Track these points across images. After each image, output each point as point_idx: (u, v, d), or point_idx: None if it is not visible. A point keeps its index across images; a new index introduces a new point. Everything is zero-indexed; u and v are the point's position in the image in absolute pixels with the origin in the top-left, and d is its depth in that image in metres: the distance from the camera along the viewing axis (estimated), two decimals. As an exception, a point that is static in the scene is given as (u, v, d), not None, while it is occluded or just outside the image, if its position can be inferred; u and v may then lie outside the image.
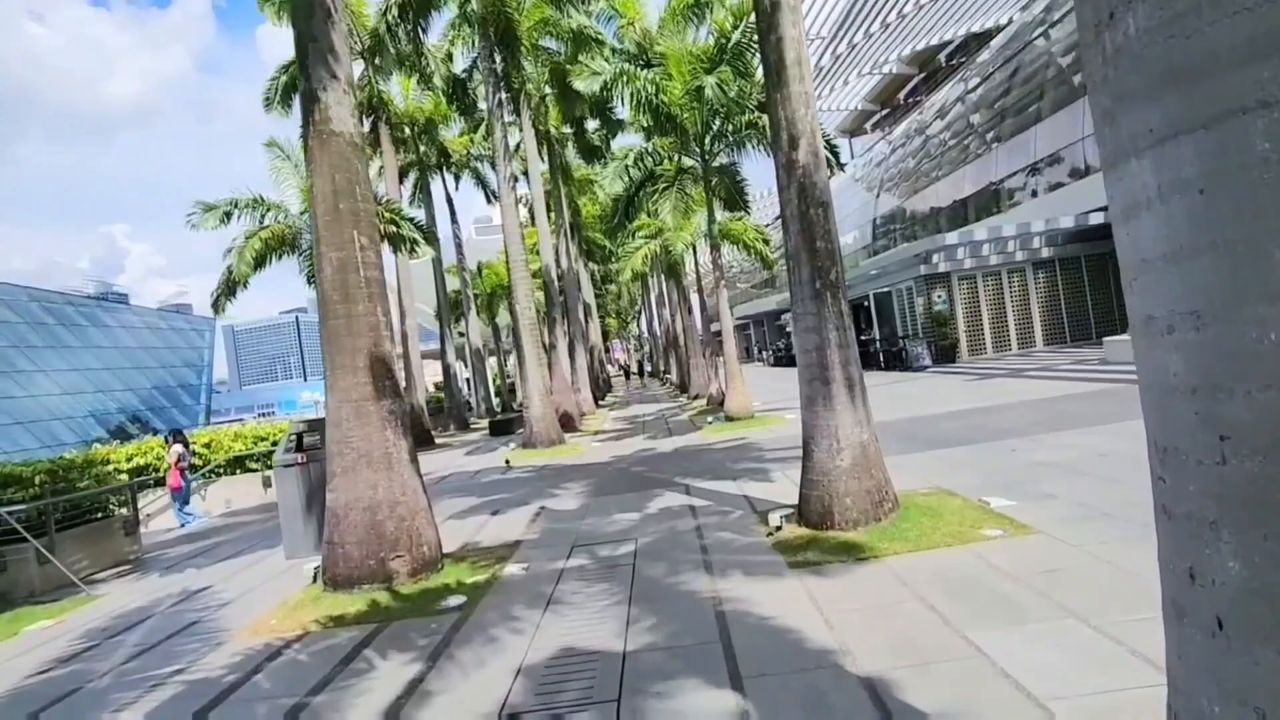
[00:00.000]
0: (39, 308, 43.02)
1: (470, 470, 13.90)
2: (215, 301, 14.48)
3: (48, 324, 43.14)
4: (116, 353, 47.84)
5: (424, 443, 19.71)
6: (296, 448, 8.16)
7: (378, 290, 6.28)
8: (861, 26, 36.10)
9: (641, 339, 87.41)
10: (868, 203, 42.21)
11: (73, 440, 40.00)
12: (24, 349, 40.76)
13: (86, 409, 43.25)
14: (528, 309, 15.28)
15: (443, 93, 19.58)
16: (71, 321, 44.97)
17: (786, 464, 9.56)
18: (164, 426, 46.71)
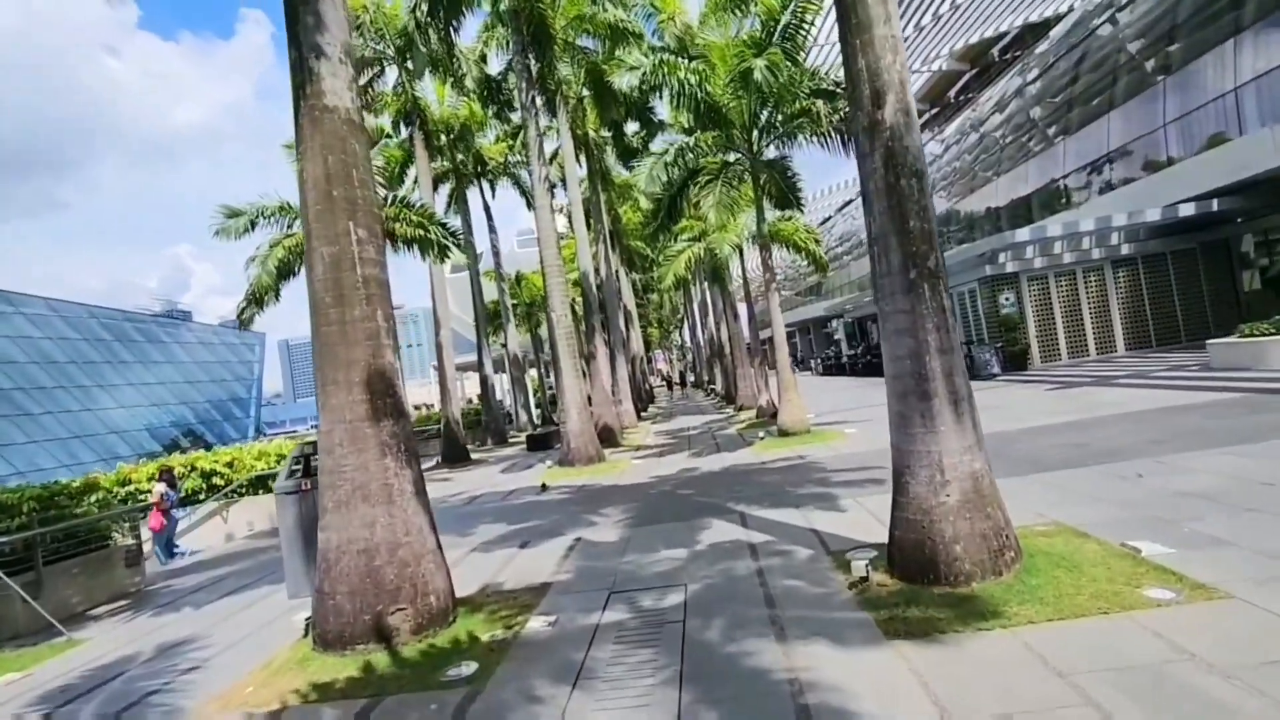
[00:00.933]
0: (98, 324, 44.33)
1: (503, 490, 12.96)
2: (241, 313, 13.97)
3: (105, 340, 44.40)
4: (171, 368, 49.02)
5: (459, 459, 18.96)
6: (303, 472, 7.31)
7: (378, 292, 5.34)
8: (911, 20, 34.43)
9: (684, 349, 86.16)
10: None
11: (128, 454, 40.87)
12: (82, 364, 41.96)
13: (141, 423, 44.26)
14: (564, 316, 14.34)
15: (476, 95, 18.94)
16: (128, 338, 46.24)
17: (857, 489, 8.29)
18: (216, 440, 47.62)
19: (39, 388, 38.27)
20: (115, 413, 42.85)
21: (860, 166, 4.92)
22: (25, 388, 37.52)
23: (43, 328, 40.42)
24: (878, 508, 7.15)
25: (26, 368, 38.17)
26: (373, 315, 5.25)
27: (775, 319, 14.12)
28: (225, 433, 50.86)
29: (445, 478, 16.42)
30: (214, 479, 11.92)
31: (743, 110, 13.54)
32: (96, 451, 38.97)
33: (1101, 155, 24.74)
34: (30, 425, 36.86)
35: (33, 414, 37.26)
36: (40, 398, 38.10)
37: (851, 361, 39.71)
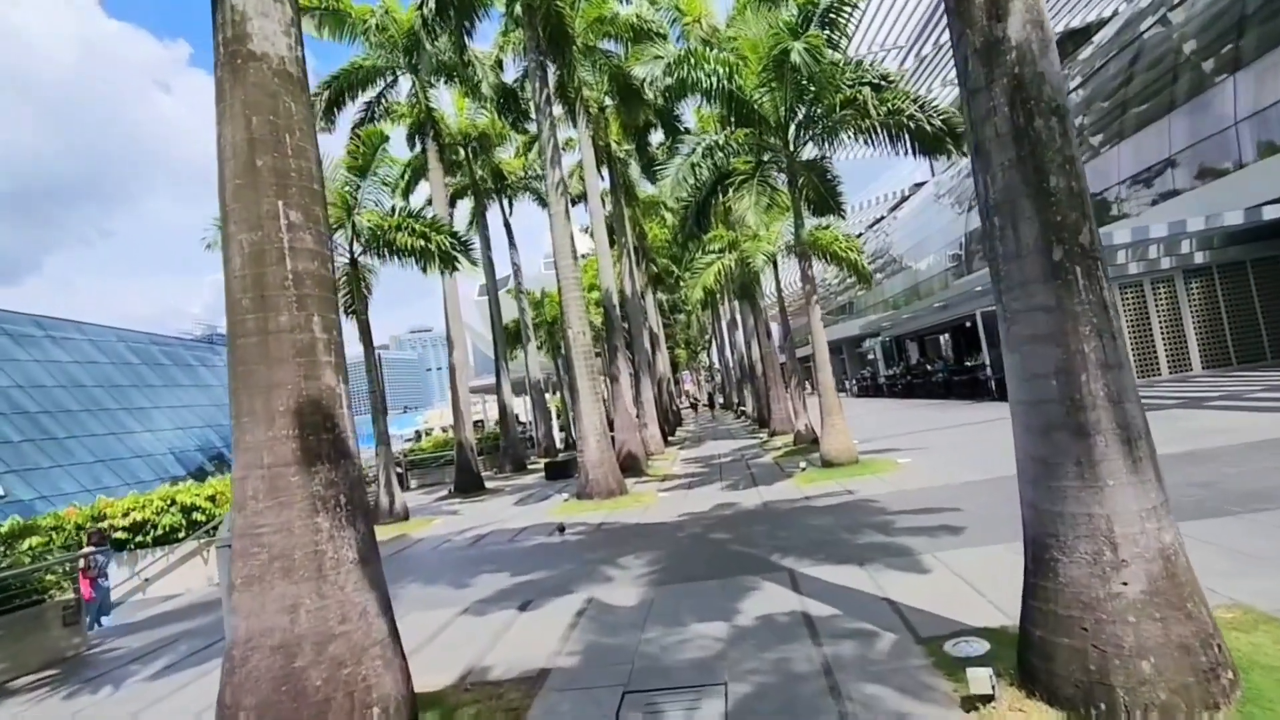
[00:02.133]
0: (125, 348, 44.42)
1: (514, 527, 11.59)
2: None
3: (132, 363, 44.45)
4: (197, 391, 48.95)
5: (472, 488, 17.68)
6: None
7: (317, 293, 4.05)
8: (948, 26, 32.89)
9: (713, 370, 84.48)
10: (953, 221, 38.57)
11: (151, 479, 40.55)
12: (109, 388, 41.93)
13: (167, 447, 44.04)
14: (581, 334, 13.04)
15: (492, 103, 17.98)
16: (154, 361, 46.31)
17: (931, 539, 6.74)
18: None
19: (65, 411, 38.18)
20: (141, 437, 42.67)
21: (969, 108, 3.51)
22: (51, 411, 37.43)
23: (71, 351, 40.52)
24: (967, 568, 5.62)
25: (53, 391, 38.15)
26: (306, 324, 3.96)
27: (816, 335, 12.64)
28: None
29: (454, 510, 15.12)
30: (194, 514, 10.80)
31: (777, 104, 12.21)
32: (121, 476, 38.63)
33: (1162, 159, 22.88)
34: (55, 450, 36.69)
35: (58, 438, 37.11)
36: (66, 421, 37.98)
37: (890, 382, 37.77)
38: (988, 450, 12.10)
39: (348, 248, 13.69)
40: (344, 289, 13.90)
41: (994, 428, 15.60)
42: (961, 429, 16.38)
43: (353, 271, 13.80)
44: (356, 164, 13.33)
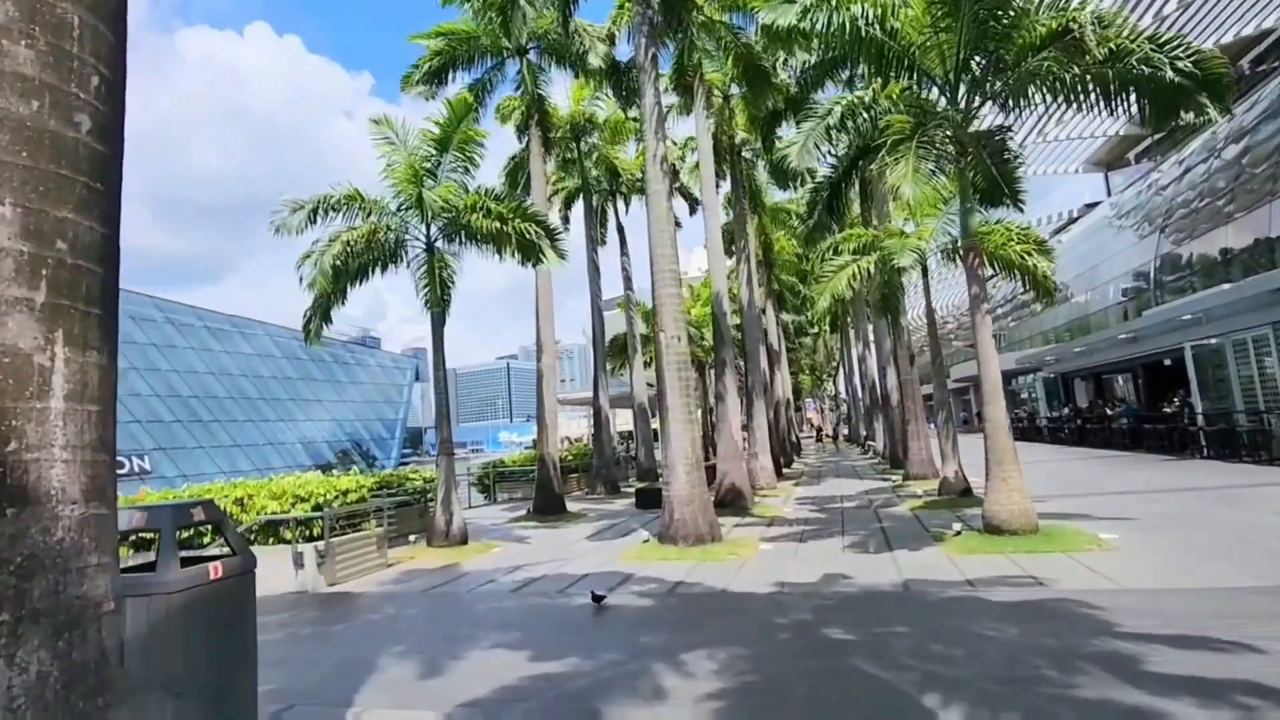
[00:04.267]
0: (271, 342, 47.53)
1: (573, 572, 9.34)
2: (306, 325, 11.84)
3: (274, 357, 47.43)
4: (328, 386, 51.63)
5: (551, 510, 15.72)
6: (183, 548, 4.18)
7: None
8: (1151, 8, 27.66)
9: (838, 399, 78.95)
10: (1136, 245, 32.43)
11: (281, 466, 42.74)
12: (252, 378, 44.88)
13: (296, 437, 46.54)
14: (676, 339, 10.67)
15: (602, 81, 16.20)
16: (293, 355, 49.27)
17: (1235, 711, 3.67)
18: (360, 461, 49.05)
19: (211, 397, 41.13)
20: (276, 426, 45.32)
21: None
22: (200, 396, 40.43)
23: (224, 342, 43.78)
24: None
25: (205, 379, 41.24)
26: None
27: (986, 358, 9.46)
28: (373, 453, 52.50)
29: (522, 536, 13.16)
30: (220, 519, 9.59)
31: (944, 53, 9.31)
32: (253, 461, 41.00)
33: None
34: (200, 432, 39.49)
35: (203, 420, 39.94)
36: (212, 406, 40.86)
37: (1054, 426, 32.15)
38: (1240, 532, 8.41)
39: (423, 230, 12.25)
40: (422, 278, 12.46)
41: (1231, 498, 11.47)
42: (1176, 495, 12.31)
43: (429, 258, 12.32)
44: (436, 136, 11.89)
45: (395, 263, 12.38)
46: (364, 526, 10.21)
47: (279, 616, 7.78)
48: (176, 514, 3.98)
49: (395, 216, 11.58)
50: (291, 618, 7.67)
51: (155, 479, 33.72)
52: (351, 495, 9.90)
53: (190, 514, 4.08)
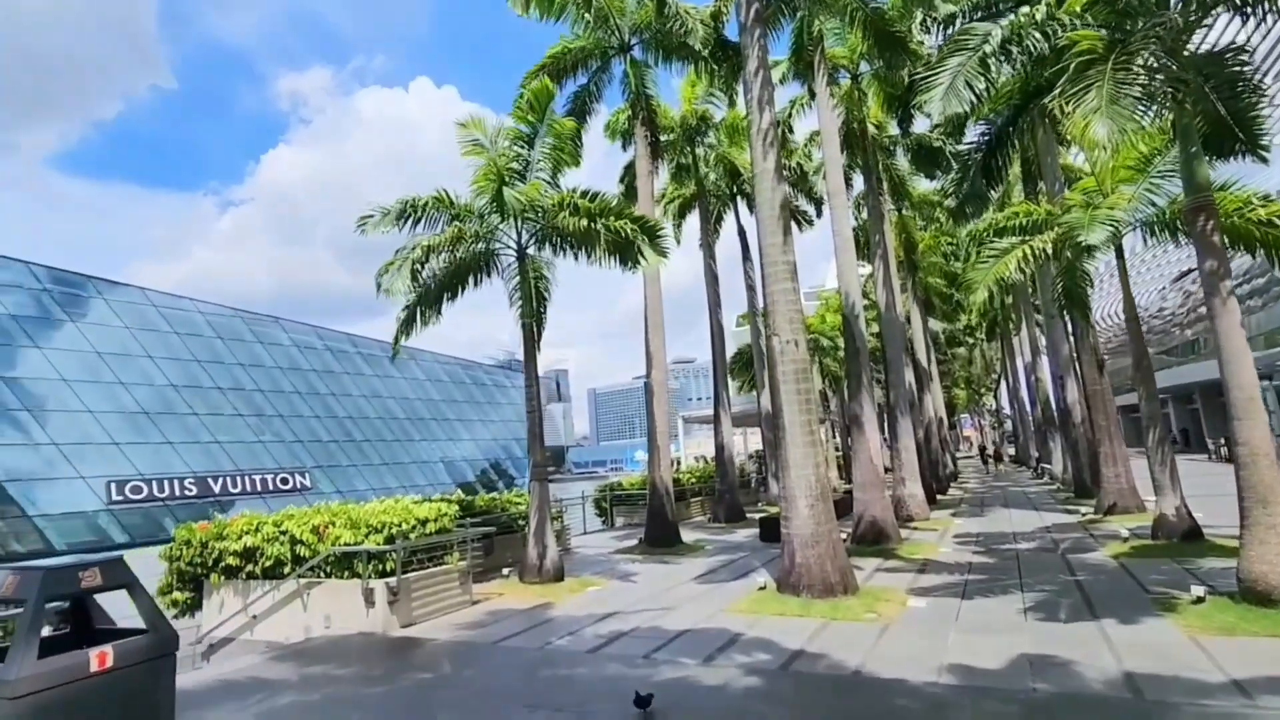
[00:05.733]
0: (418, 367, 50.36)
1: (670, 627, 7.74)
2: (396, 339, 11.34)
3: (419, 379, 50.11)
4: (470, 408, 53.78)
5: (663, 541, 14.19)
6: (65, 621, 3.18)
7: None
8: None
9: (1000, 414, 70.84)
10: None
11: (424, 484, 44.78)
12: (399, 400, 47.58)
13: (439, 456, 48.67)
14: (791, 344, 8.81)
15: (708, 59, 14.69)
16: (437, 379, 51.84)
17: None
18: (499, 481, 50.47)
19: (364, 418, 43.96)
20: (421, 445, 47.69)
21: None
22: (353, 418, 43.34)
23: (375, 367, 46.87)
24: None
25: (358, 400, 44.25)
26: None
27: (1233, 355, 6.78)
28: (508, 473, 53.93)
29: (626, 571, 11.74)
30: (299, 547, 9.04)
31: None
32: (399, 479, 43.17)
33: None
34: (353, 451, 42.26)
35: (355, 440, 42.73)
36: (364, 427, 43.66)
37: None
38: None
39: (513, 237, 11.35)
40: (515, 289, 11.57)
41: None
42: None
43: (520, 266, 11.41)
44: (522, 134, 10.98)
45: (487, 272, 11.58)
46: (447, 559, 9.30)
47: (316, 668, 6.89)
48: (51, 580, 2.94)
49: (482, 221, 10.75)
50: (327, 672, 6.73)
51: (314, 494, 36.22)
52: (431, 526, 9.00)
53: (78, 577, 3.04)
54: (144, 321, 34.29)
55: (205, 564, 9.61)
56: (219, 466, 33.59)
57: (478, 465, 52.00)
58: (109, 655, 2.89)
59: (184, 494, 30.98)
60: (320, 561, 8.77)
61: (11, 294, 29.86)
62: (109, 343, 32.29)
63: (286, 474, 36.60)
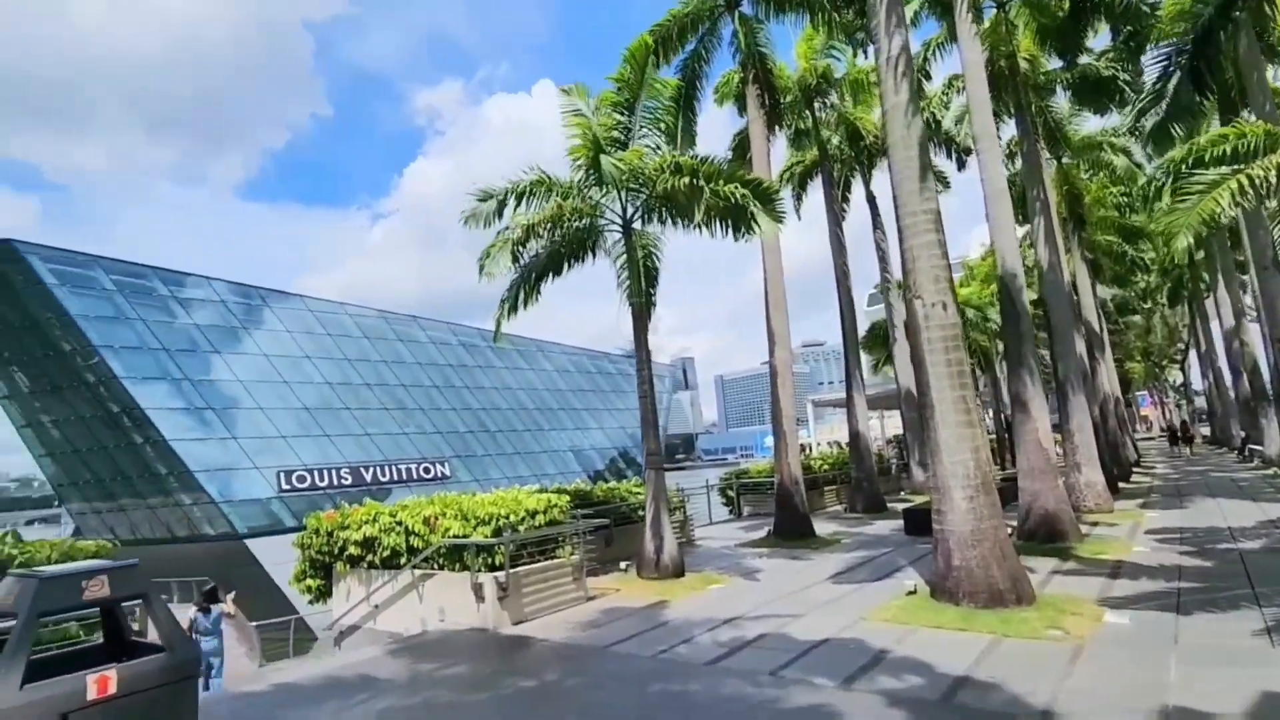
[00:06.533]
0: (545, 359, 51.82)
1: (802, 637, 6.75)
2: (498, 321, 11.06)
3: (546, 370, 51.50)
4: (597, 397, 54.59)
5: (795, 534, 13.06)
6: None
7: None
8: None
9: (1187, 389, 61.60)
10: None
11: (554, 473, 46.02)
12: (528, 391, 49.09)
13: (567, 445, 49.78)
14: (938, 307, 7.43)
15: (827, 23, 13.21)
16: (564, 369, 53.02)
17: None
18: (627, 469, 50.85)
19: (496, 409, 45.78)
20: (550, 435, 49.01)
21: None
22: (487, 409, 45.25)
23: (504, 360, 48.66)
24: None
25: (489, 392, 46.15)
26: None
27: None
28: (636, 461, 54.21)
29: (751, 567, 10.78)
30: (412, 539, 8.94)
31: None
32: (530, 468, 44.56)
33: None
34: (487, 441, 44.14)
35: (489, 430, 44.59)
36: (496, 418, 45.46)
37: None
38: None
39: (618, 211, 10.68)
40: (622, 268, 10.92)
41: None
42: None
43: (626, 242, 10.73)
44: (619, 98, 10.24)
45: (592, 251, 11.02)
46: (559, 552, 8.85)
47: (425, 666, 6.60)
48: (46, 590, 2.55)
49: (583, 196, 10.15)
50: (433, 674, 6.40)
51: (453, 483, 38.18)
52: (541, 518, 8.57)
53: (80, 588, 2.66)
54: (304, 326, 37.58)
55: (332, 552, 9.82)
56: (370, 457, 36.19)
57: (606, 454, 52.71)
58: (111, 680, 2.49)
59: (340, 482, 33.61)
60: (432, 553, 8.59)
61: (201, 307, 33.70)
62: (277, 347, 35.67)
63: (429, 464, 38.80)
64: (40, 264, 28.42)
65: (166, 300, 32.30)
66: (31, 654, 2.46)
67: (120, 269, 31.32)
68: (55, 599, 2.70)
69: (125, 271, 31.41)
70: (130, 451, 30.62)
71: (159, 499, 31.14)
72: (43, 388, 31.57)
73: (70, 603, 2.79)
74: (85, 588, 2.75)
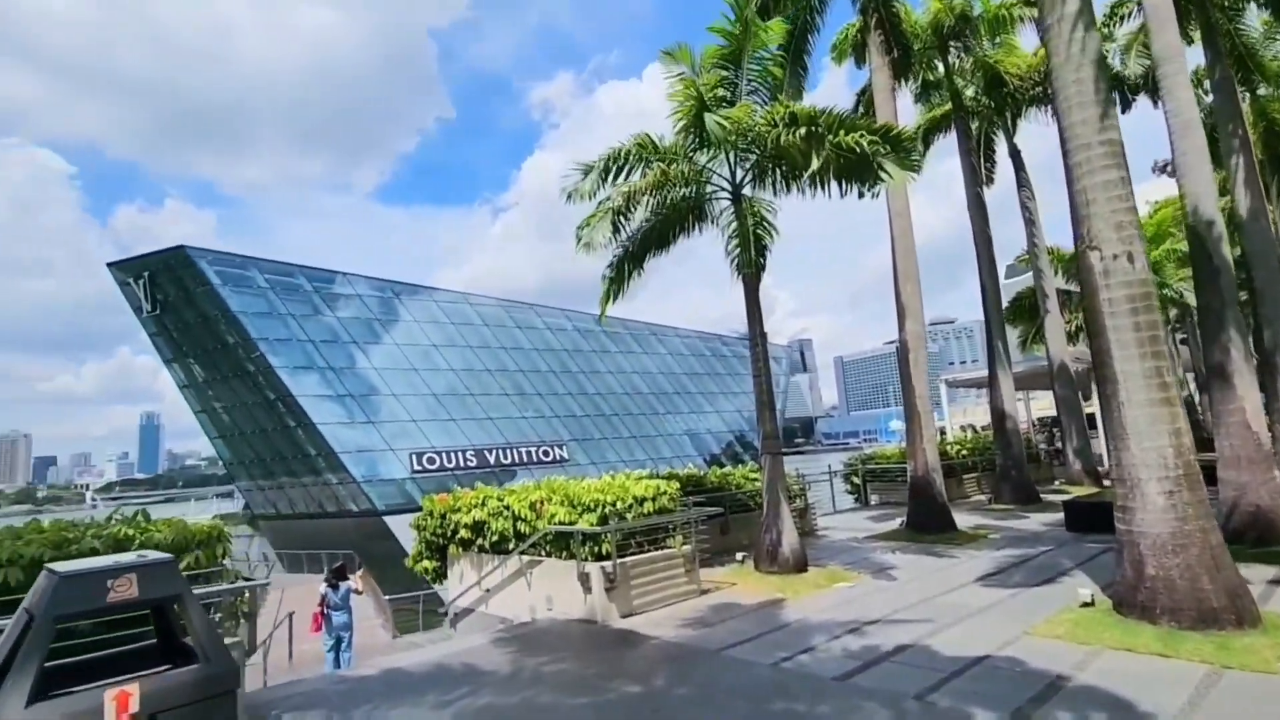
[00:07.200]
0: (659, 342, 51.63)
1: (946, 656, 5.75)
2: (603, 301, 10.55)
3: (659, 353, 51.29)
4: (712, 380, 53.75)
5: (933, 527, 11.74)
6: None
7: None
8: None
9: None
10: None
11: (669, 455, 45.82)
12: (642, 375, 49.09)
13: (683, 429, 49.33)
14: (1120, 257, 6.03)
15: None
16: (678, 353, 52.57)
17: None
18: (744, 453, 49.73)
19: (611, 393, 46.12)
20: (666, 419, 48.77)
21: None
22: (603, 393, 45.70)
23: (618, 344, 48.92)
24: None
25: (604, 377, 46.56)
26: None
27: None
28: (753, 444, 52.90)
29: (882, 565, 9.68)
30: (520, 524, 8.66)
31: None
32: (646, 451, 44.60)
33: None
34: (603, 424, 44.58)
35: (605, 414, 45.00)
36: (611, 402, 45.81)
37: None
38: None
39: (728, 175, 9.83)
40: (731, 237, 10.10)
41: None
42: None
43: (736, 208, 9.88)
44: (724, 51, 9.34)
45: (699, 219, 10.27)
46: (670, 542, 8.27)
47: (529, 660, 6.25)
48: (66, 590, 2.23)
49: (689, 161, 9.40)
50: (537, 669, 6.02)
51: (571, 465, 38.90)
52: (649, 505, 8.03)
53: (106, 587, 2.33)
54: (431, 317, 39.56)
55: (445, 534, 9.82)
56: (493, 440, 37.58)
57: (721, 438, 51.80)
58: (133, 696, 2.15)
59: (466, 464, 35.14)
60: (539, 539, 8.29)
61: (341, 301, 36.32)
62: (407, 337, 37.80)
63: (547, 447, 39.74)
64: (207, 266, 31.61)
65: (310, 296, 35.00)
66: (70, 656, 2.21)
67: (271, 268, 34.27)
68: (75, 601, 2.42)
69: (276, 270, 34.33)
70: (285, 434, 33.59)
71: (310, 478, 34.00)
72: (213, 377, 35.28)
73: (93, 605, 2.50)
74: (111, 588, 2.45)
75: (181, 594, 2.62)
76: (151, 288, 33.36)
